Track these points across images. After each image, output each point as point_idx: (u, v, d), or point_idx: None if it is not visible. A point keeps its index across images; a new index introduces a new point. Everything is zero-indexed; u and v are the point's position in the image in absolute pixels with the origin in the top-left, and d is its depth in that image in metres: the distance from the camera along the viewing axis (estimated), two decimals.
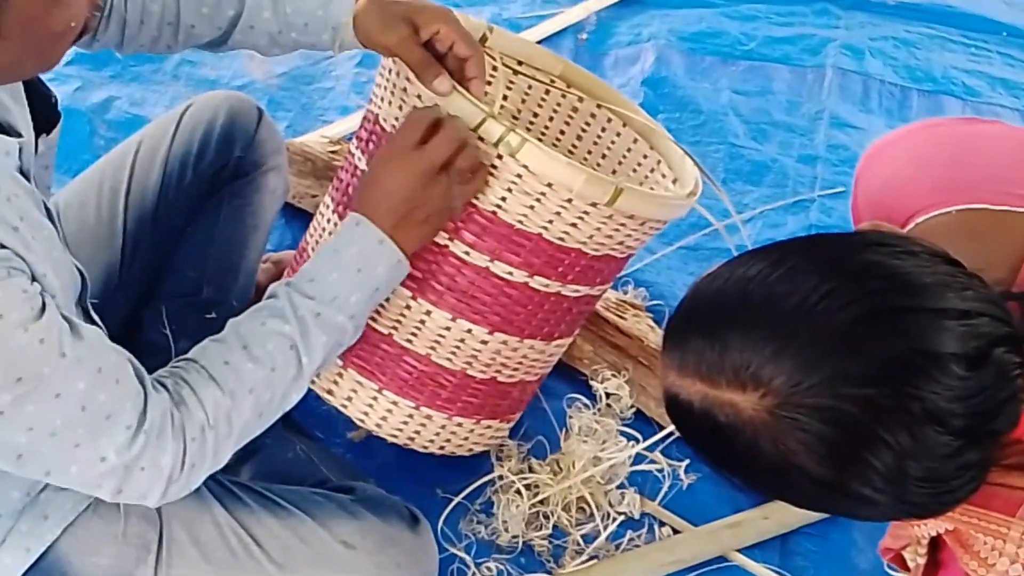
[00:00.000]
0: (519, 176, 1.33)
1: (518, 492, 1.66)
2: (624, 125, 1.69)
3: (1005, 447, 0.95)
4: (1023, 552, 0.99)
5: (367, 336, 1.46)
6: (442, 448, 1.58)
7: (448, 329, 1.46)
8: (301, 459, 1.58)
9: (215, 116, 1.69)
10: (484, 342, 1.47)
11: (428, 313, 1.45)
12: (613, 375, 1.82)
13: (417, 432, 1.55)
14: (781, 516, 1.68)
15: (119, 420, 1.13)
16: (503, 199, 1.36)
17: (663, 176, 1.63)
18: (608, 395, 1.81)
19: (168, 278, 1.68)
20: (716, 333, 0.94)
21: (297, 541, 1.39)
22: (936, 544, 1.12)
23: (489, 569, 1.61)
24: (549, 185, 1.33)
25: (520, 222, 1.37)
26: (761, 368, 0.91)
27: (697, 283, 1.00)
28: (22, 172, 1.15)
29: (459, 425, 1.56)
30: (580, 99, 1.70)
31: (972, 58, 2.71)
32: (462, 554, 1.62)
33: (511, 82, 1.69)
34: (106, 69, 2.47)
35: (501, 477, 1.69)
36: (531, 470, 1.71)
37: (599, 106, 1.70)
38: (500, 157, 1.33)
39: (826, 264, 0.93)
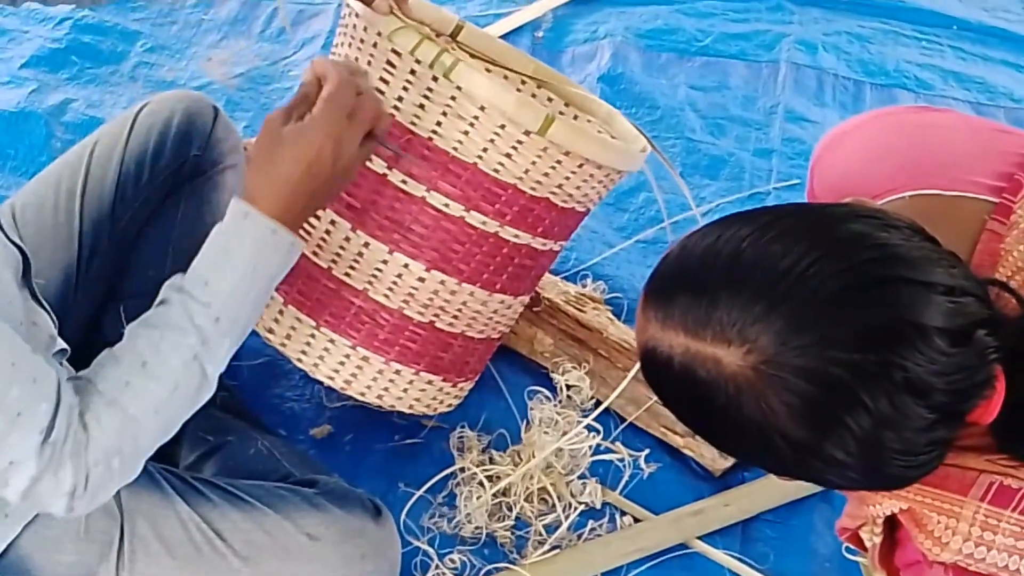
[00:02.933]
0: (453, 98, 1.35)
1: (480, 484, 1.67)
2: (589, 120, 1.70)
3: (960, 428, 0.96)
4: (975, 530, 1.01)
5: (306, 270, 1.47)
6: (380, 397, 1.57)
7: (385, 263, 1.47)
8: (264, 455, 1.58)
9: (171, 115, 1.69)
10: (421, 279, 1.48)
11: (366, 245, 1.46)
12: (574, 367, 1.83)
13: (354, 376, 1.55)
14: (742, 503, 1.70)
15: (32, 421, 1.10)
16: (438, 123, 1.38)
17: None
18: (569, 387, 1.82)
19: (127, 278, 1.67)
20: (705, 288, 0.95)
21: (261, 534, 1.40)
22: (893, 524, 1.14)
23: (453, 561, 1.61)
24: (483, 108, 1.34)
25: (455, 149, 1.39)
26: (749, 325, 0.91)
27: (684, 240, 1.00)
28: None
29: (397, 372, 1.56)
30: (549, 99, 1.72)
31: (924, 52, 2.75)
32: (426, 547, 1.62)
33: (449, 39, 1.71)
34: (63, 71, 2.46)
35: (463, 469, 1.70)
36: (492, 461, 1.72)
37: (567, 104, 1.72)
38: (435, 79, 1.34)
39: (818, 230, 0.95)
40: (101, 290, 1.66)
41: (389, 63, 1.38)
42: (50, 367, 1.15)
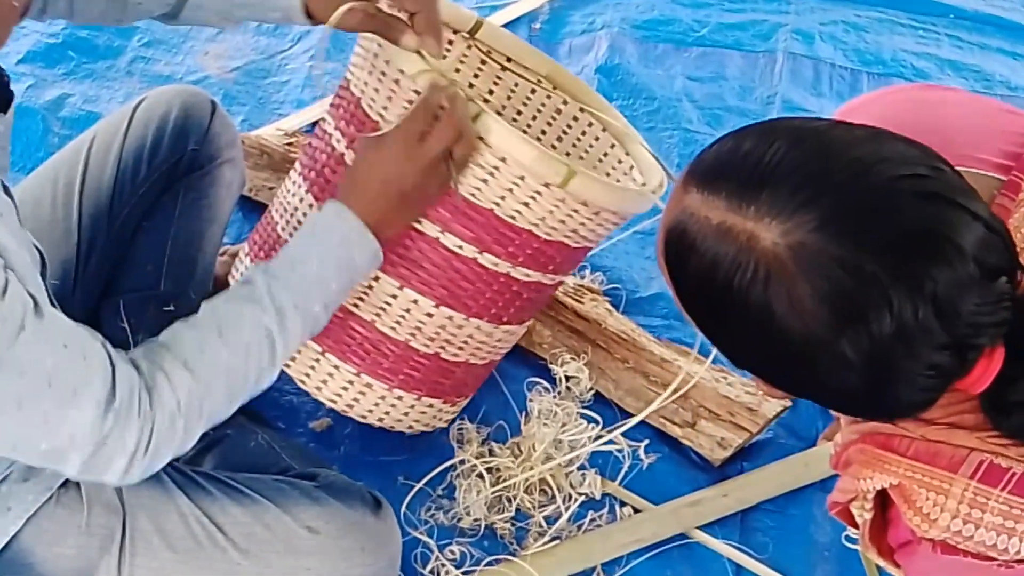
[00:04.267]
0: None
1: (480, 476, 1.68)
2: (603, 130, 1.70)
3: (950, 392, 0.97)
4: (963, 508, 1.01)
5: None
6: (380, 420, 1.59)
7: (394, 297, 1.47)
8: (263, 448, 1.58)
9: (168, 110, 1.69)
10: (429, 315, 1.48)
11: (376, 279, 1.46)
12: (572, 358, 1.84)
13: (356, 400, 1.56)
14: (741, 493, 1.71)
15: (88, 395, 1.12)
16: None
17: (634, 181, 1.65)
18: (568, 378, 1.82)
19: (126, 272, 1.67)
20: (759, 162, 0.94)
21: (261, 528, 1.40)
22: (885, 502, 1.14)
23: (452, 552, 1.62)
24: (503, 160, 1.34)
25: (473, 195, 1.38)
26: (795, 207, 0.91)
27: (743, 128, 1.00)
28: None
29: (399, 398, 1.57)
30: (564, 102, 1.72)
31: (921, 41, 2.74)
32: (425, 538, 1.63)
33: (498, 77, 1.70)
34: (59, 66, 2.46)
35: (463, 461, 1.71)
36: (492, 454, 1.72)
37: (581, 110, 1.71)
38: None
39: (882, 139, 0.96)
40: (99, 285, 1.67)
41: (410, 103, 1.36)
42: (95, 340, 1.16)
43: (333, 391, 1.56)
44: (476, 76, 1.71)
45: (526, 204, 1.38)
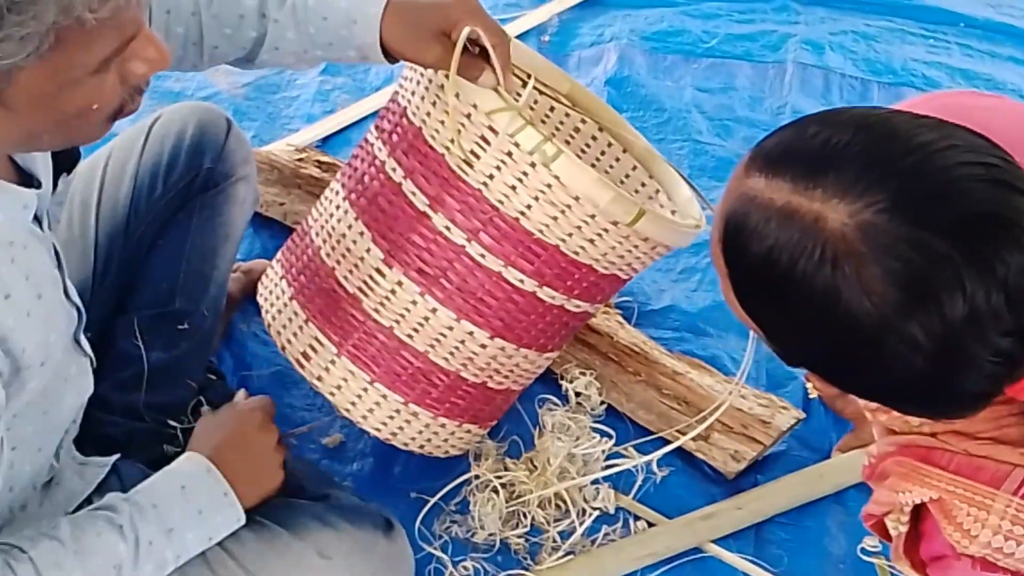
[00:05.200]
0: (548, 186, 1.34)
1: (494, 491, 1.68)
2: (624, 151, 1.71)
3: (996, 405, 0.97)
4: (1005, 524, 1.00)
5: (366, 326, 1.48)
6: (421, 447, 1.59)
7: (451, 329, 1.47)
8: None
9: (184, 127, 1.69)
10: (483, 346, 1.49)
11: (434, 311, 1.46)
12: (582, 373, 1.84)
13: (400, 428, 1.56)
14: (755, 506, 1.71)
15: None
16: (528, 207, 1.37)
17: (661, 205, 1.65)
18: (578, 394, 1.83)
19: (140, 290, 1.67)
20: (825, 145, 0.94)
21: (273, 553, 1.40)
22: (918, 515, 1.14)
23: (466, 568, 1.62)
24: (576, 199, 1.34)
25: (541, 231, 1.39)
26: (864, 187, 0.90)
27: (805, 116, 1.00)
28: (36, 218, 1.16)
29: (442, 426, 1.57)
30: (583, 120, 1.72)
31: (931, 49, 2.74)
32: (439, 553, 1.63)
33: (518, 94, 1.70)
34: None
35: (477, 476, 1.71)
36: (506, 469, 1.73)
37: (601, 129, 1.72)
38: (533, 165, 1.34)
39: (954, 127, 0.95)
40: (113, 302, 1.67)
41: (483, 138, 1.36)
42: None
43: (379, 420, 1.55)
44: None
45: (591, 241, 1.39)
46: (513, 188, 1.36)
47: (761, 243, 0.96)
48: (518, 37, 2.66)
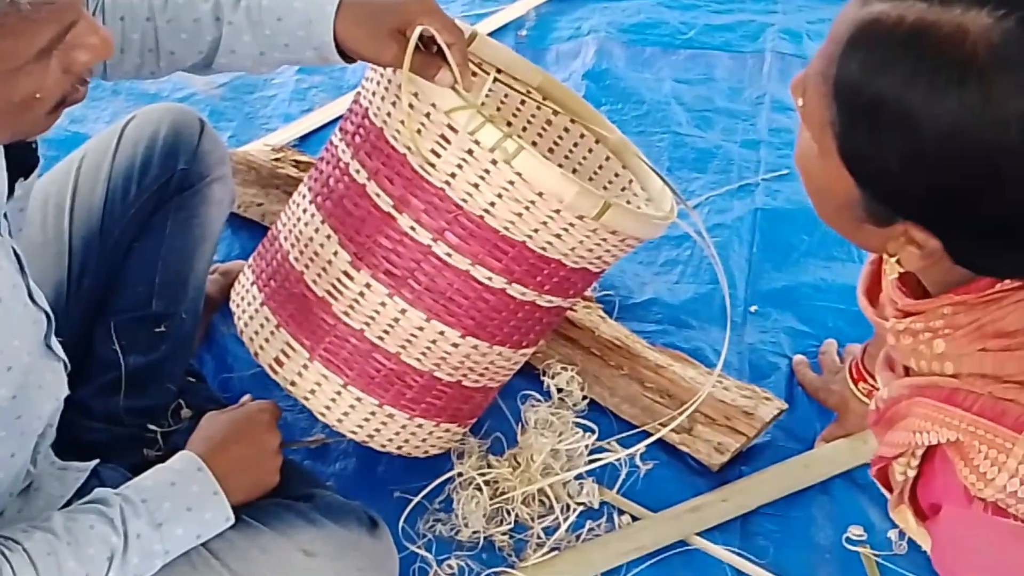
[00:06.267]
0: (511, 183, 1.34)
1: (478, 488, 1.67)
2: (596, 142, 1.70)
3: None
4: (1023, 468, 1.00)
5: (337, 329, 1.47)
6: (400, 448, 1.59)
7: (421, 329, 1.46)
8: None
9: (157, 129, 1.68)
10: (455, 345, 1.48)
11: (403, 312, 1.45)
12: (564, 368, 1.83)
13: (377, 430, 1.56)
14: (740, 498, 1.70)
15: None
16: (492, 204, 1.36)
17: (635, 195, 1.64)
18: (560, 390, 1.82)
19: (117, 293, 1.66)
20: None
21: (257, 552, 1.39)
22: (923, 457, 1.13)
23: (451, 566, 1.61)
24: (540, 194, 1.34)
25: (506, 228, 1.38)
26: None
27: None
28: None
29: (419, 426, 1.57)
30: (555, 112, 1.71)
31: None
32: (423, 552, 1.62)
33: (490, 89, 1.70)
34: None
35: (460, 474, 1.70)
36: (490, 466, 1.72)
37: (573, 121, 1.71)
38: (494, 162, 1.33)
39: None
40: (90, 306, 1.66)
41: (443, 137, 1.35)
42: None
43: (355, 422, 1.55)
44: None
45: (558, 236, 1.38)
46: (476, 186, 1.35)
47: (893, 67, 0.92)
48: (496, 32, 2.67)
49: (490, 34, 2.61)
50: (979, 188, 0.94)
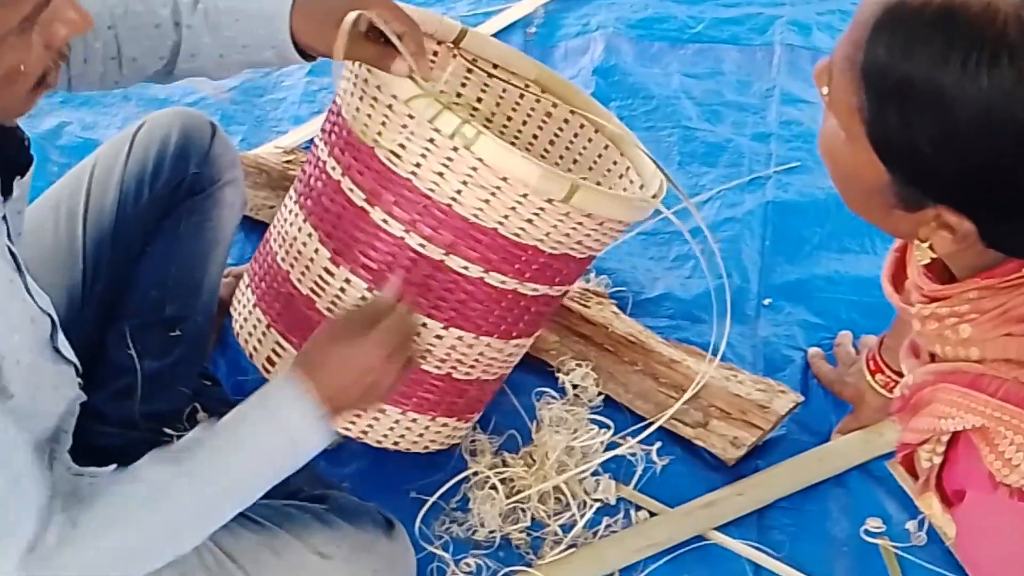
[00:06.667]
0: (474, 169, 1.34)
1: (493, 487, 1.67)
2: (596, 131, 1.70)
3: None
4: None
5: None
6: (396, 444, 1.59)
7: None
8: None
9: (168, 134, 1.69)
10: (439, 337, 1.48)
11: None
12: (578, 364, 1.83)
13: (370, 426, 1.56)
14: (756, 492, 1.70)
15: (17, 538, 1.11)
16: (459, 191, 1.36)
17: (631, 182, 1.64)
18: (575, 386, 1.82)
19: (131, 298, 1.67)
20: None
21: (271, 554, 1.39)
22: (948, 443, 1.12)
23: (468, 565, 1.61)
24: (505, 179, 1.34)
25: (476, 216, 1.38)
26: None
27: None
28: None
29: (413, 421, 1.57)
30: (554, 104, 1.71)
31: None
32: (440, 552, 1.62)
33: (486, 84, 1.70)
34: (56, 95, 2.44)
35: (476, 473, 1.70)
36: (505, 464, 1.72)
37: (572, 112, 1.71)
38: (456, 149, 1.33)
39: None
40: (104, 311, 1.67)
41: (406, 127, 1.36)
42: (43, 482, 1.14)
43: (347, 418, 1.55)
44: (463, 85, 1.71)
45: (530, 221, 1.38)
46: (441, 174, 1.36)
47: (923, 48, 0.91)
48: (504, 30, 2.67)
49: (498, 32, 2.63)
50: (1012, 167, 0.93)
